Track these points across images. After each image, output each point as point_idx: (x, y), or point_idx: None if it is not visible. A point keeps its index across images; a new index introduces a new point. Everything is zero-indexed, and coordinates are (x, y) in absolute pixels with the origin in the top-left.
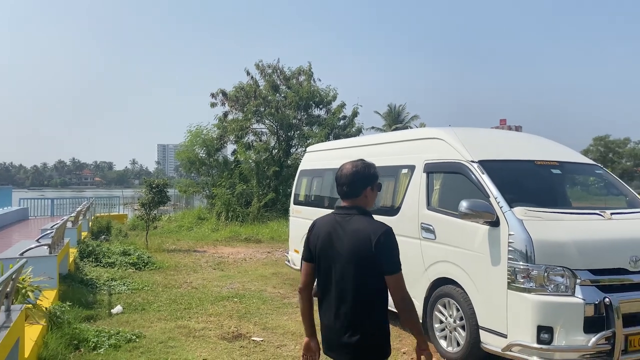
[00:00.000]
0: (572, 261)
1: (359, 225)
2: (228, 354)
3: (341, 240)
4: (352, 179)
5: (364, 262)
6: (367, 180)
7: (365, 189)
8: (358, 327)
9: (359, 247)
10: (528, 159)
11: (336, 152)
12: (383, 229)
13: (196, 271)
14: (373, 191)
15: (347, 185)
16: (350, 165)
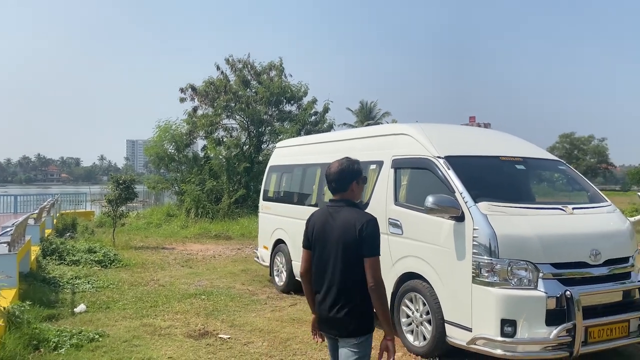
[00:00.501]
0: (535, 255)
1: (347, 215)
2: (194, 352)
3: (332, 228)
4: (339, 176)
5: (350, 247)
6: (352, 175)
7: (351, 184)
8: (343, 304)
9: (346, 234)
10: (493, 155)
11: (305, 148)
12: (367, 218)
13: (164, 268)
14: (359, 185)
15: (335, 181)
16: (337, 163)
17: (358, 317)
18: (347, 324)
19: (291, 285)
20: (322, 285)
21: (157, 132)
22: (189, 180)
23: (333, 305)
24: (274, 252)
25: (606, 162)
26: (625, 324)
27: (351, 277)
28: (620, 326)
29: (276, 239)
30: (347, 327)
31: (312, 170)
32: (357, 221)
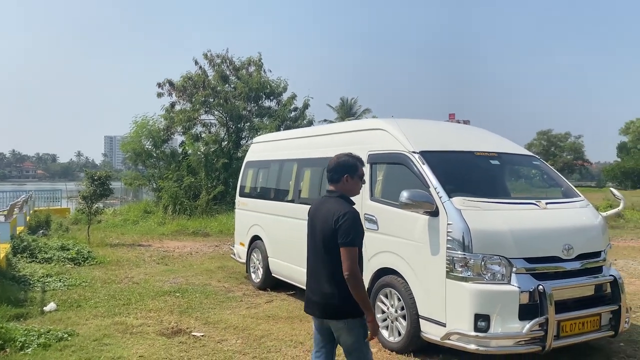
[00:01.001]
0: (508, 250)
1: (331, 205)
2: (166, 350)
3: (317, 217)
4: (333, 167)
5: (328, 236)
6: (345, 168)
7: (343, 176)
8: (323, 289)
9: (325, 224)
10: (468, 150)
11: (282, 143)
12: (345, 210)
13: (139, 266)
14: (353, 179)
15: (330, 171)
16: (336, 156)
17: (336, 301)
18: (325, 308)
19: (268, 282)
20: (310, 269)
21: (133, 128)
22: (167, 177)
23: (315, 290)
24: (250, 248)
25: (582, 158)
26: (597, 318)
27: (330, 266)
28: (592, 320)
29: (252, 235)
30: (326, 310)
31: (289, 166)
32: (335, 212)
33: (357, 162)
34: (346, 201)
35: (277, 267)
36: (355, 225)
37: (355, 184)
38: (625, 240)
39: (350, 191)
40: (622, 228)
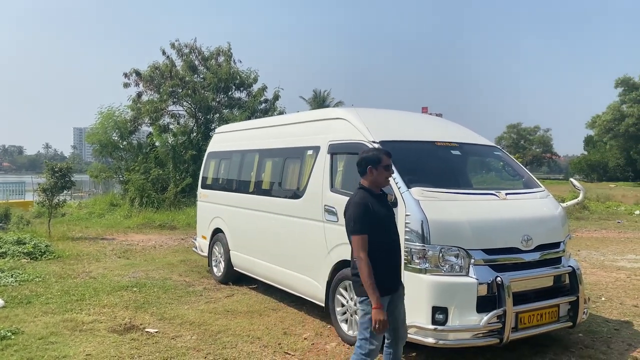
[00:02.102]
0: (467, 241)
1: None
2: (116, 347)
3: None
4: (359, 161)
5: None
6: (368, 161)
7: (367, 168)
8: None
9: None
10: (429, 140)
11: (244, 133)
12: (348, 200)
13: (99, 260)
14: (377, 170)
15: (357, 166)
16: (362, 150)
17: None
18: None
19: (229, 275)
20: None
21: (99, 119)
22: (133, 169)
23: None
24: (212, 241)
25: (551, 152)
26: (555, 309)
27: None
28: (550, 311)
29: (214, 228)
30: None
31: (251, 157)
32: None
33: (380, 154)
34: (363, 191)
35: (238, 261)
36: (356, 213)
37: (379, 175)
38: (589, 231)
39: (377, 182)
40: (586, 219)
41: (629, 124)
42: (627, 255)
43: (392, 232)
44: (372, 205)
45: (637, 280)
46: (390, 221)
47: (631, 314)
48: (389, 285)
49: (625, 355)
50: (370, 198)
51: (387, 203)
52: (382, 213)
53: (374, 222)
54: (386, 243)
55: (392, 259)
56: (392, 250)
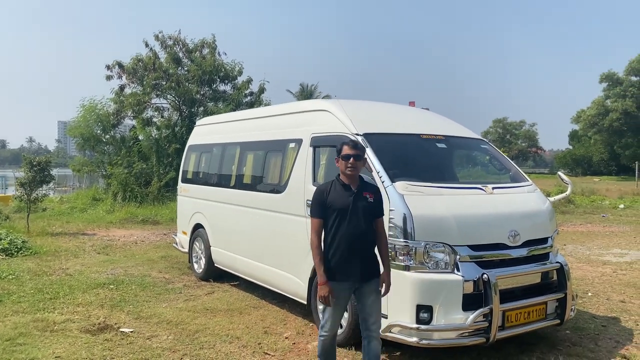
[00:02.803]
0: (452, 237)
1: None
2: (88, 349)
3: None
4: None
5: None
6: (336, 152)
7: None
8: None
9: None
10: (414, 133)
11: (225, 126)
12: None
13: (77, 256)
14: (339, 159)
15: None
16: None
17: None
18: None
19: (210, 272)
20: None
21: (81, 112)
22: (116, 163)
23: None
24: (192, 237)
25: (536, 146)
26: (543, 307)
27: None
28: (538, 309)
29: (195, 223)
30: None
31: (232, 150)
32: None
33: (342, 144)
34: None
35: (219, 257)
36: (313, 198)
37: (341, 164)
38: (575, 225)
39: (342, 172)
40: (571, 213)
41: (613, 118)
42: (612, 249)
43: (354, 224)
44: (331, 193)
45: (623, 275)
46: (354, 213)
47: (618, 310)
48: (341, 272)
49: (614, 352)
50: (335, 187)
51: (357, 195)
52: (341, 203)
53: (329, 210)
54: (345, 234)
55: (350, 250)
56: (351, 241)
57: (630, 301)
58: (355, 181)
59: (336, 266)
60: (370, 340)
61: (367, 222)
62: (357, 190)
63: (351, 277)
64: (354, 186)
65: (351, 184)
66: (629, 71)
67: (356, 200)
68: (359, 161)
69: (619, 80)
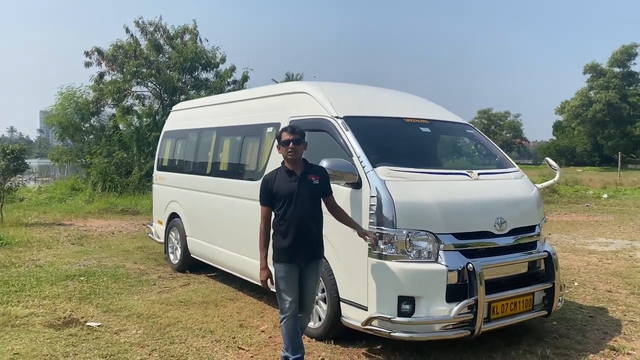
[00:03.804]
0: (436, 225)
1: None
2: (50, 344)
3: None
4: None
5: None
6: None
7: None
8: None
9: None
10: (397, 116)
11: (202, 110)
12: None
13: (50, 247)
14: (280, 146)
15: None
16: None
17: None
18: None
19: (186, 263)
20: None
21: (59, 100)
22: (95, 152)
23: None
24: (168, 227)
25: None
26: (530, 297)
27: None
28: (525, 300)
29: (170, 212)
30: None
31: (208, 135)
32: None
33: (281, 131)
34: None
35: (195, 247)
36: (260, 187)
37: (282, 151)
38: (559, 214)
39: (285, 158)
40: (556, 203)
41: (596, 109)
42: (597, 238)
43: (300, 208)
44: (276, 181)
45: (609, 264)
46: (300, 197)
47: (605, 300)
48: (290, 254)
49: (602, 344)
50: (279, 174)
51: (301, 179)
52: (286, 189)
53: (275, 197)
54: (290, 218)
55: (298, 232)
56: (297, 225)
57: (616, 291)
58: (298, 166)
59: (285, 249)
60: (302, 318)
61: (313, 204)
62: (301, 175)
63: (298, 258)
64: (298, 171)
65: (295, 169)
66: (612, 62)
67: (301, 185)
68: (299, 145)
69: (603, 71)
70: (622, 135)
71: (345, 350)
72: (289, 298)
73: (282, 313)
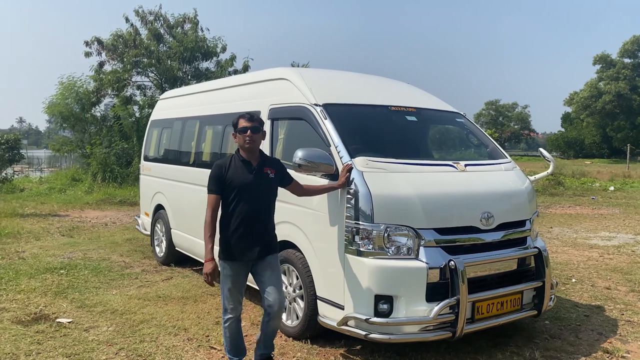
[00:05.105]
0: (416, 219)
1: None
2: (14, 342)
3: None
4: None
5: None
6: (232, 126)
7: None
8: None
9: None
10: (381, 104)
11: (186, 99)
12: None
13: (39, 238)
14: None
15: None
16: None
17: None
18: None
19: (171, 256)
20: None
21: (59, 89)
22: (95, 142)
23: None
24: (154, 219)
25: (529, 129)
26: (518, 297)
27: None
28: (513, 299)
29: (156, 204)
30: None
31: (191, 124)
32: None
33: (239, 117)
34: (234, 154)
35: (179, 240)
36: (210, 173)
37: (238, 138)
38: (563, 207)
39: (240, 146)
40: (560, 195)
41: (605, 101)
42: (600, 232)
43: (253, 202)
44: (231, 170)
45: (610, 260)
46: (254, 190)
47: (603, 297)
48: (238, 251)
49: (596, 346)
50: (235, 162)
51: (258, 171)
52: (241, 179)
53: (226, 186)
54: (242, 212)
55: (248, 228)
56: (249, 219)
57: (616, 288)
58: (255, 156)
59: (234, 245)
60: (270, 318)
61: (268, 199)
62: (257, 166)
63: (247, 255)
64: (254, 162)
65: (251, 160)
66: (623, 53)
67: (257, 177)
68: (257, 134)
69: (613, 62)
70: (632, 127)
71: (322, 350)
72: (234, 298)
73: (225, 314)
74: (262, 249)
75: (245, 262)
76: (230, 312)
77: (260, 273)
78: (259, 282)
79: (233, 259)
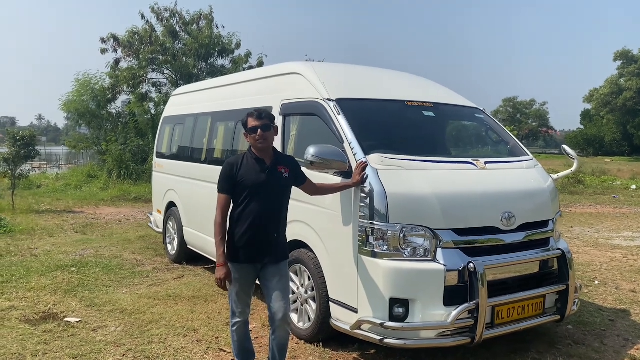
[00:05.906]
0: (434, 220)
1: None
2: (21, 342)
3: None
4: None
5: None
6: (242, 125)
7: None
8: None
9: None
10: (397, 99)
11: (199, 95)
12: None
13: (52, 235)
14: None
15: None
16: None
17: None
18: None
19: (183, 254)
20: None
21: (75, 86)
22: (110, 139)
23: None
24: (166, 216)
25: (547, 126)
26: (540, 301)
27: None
28: (535, 303)
29: (168, 201)
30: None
31: (203, 121)
32: None
33: (248, 117)
34: (247, 152)
35: (191, 238)
36: (221, 172)
37: (249, 138)
38: (584, 206)
39: (252, 145)
40: (580, 194)
41: (626, 97)
42: (623, 232)
43: (266, 203)
44: (243, 168)
45: (635, 261)
46: (268, 190)
47: (628, 301)
48: (248, 253)
49: (622, 353)
50: (247, 160)
51: (271, 170)
52: (253, 179)
53: (239, 186)
54: (254, 213)
55: (260, 230)
56: (261, 220)
57: None
58: (269, 154)
59: (243, 247)
60: (276, 329)
61: (281, 199)
62: (271, 165)
63: (257, 259)
64: (268, 160)
65: (265, 158)
66: None
67: (270, 176)
68: (268, 132)
69: (634, 58)
70: None
71: (335, 354)
72: (242, 302)
73: (233, 317)
74: (273, 253)
75: (253, 266)
76: (238, 315)
77: (269, 279)
78: (265, 288)
79: (242, 262)
